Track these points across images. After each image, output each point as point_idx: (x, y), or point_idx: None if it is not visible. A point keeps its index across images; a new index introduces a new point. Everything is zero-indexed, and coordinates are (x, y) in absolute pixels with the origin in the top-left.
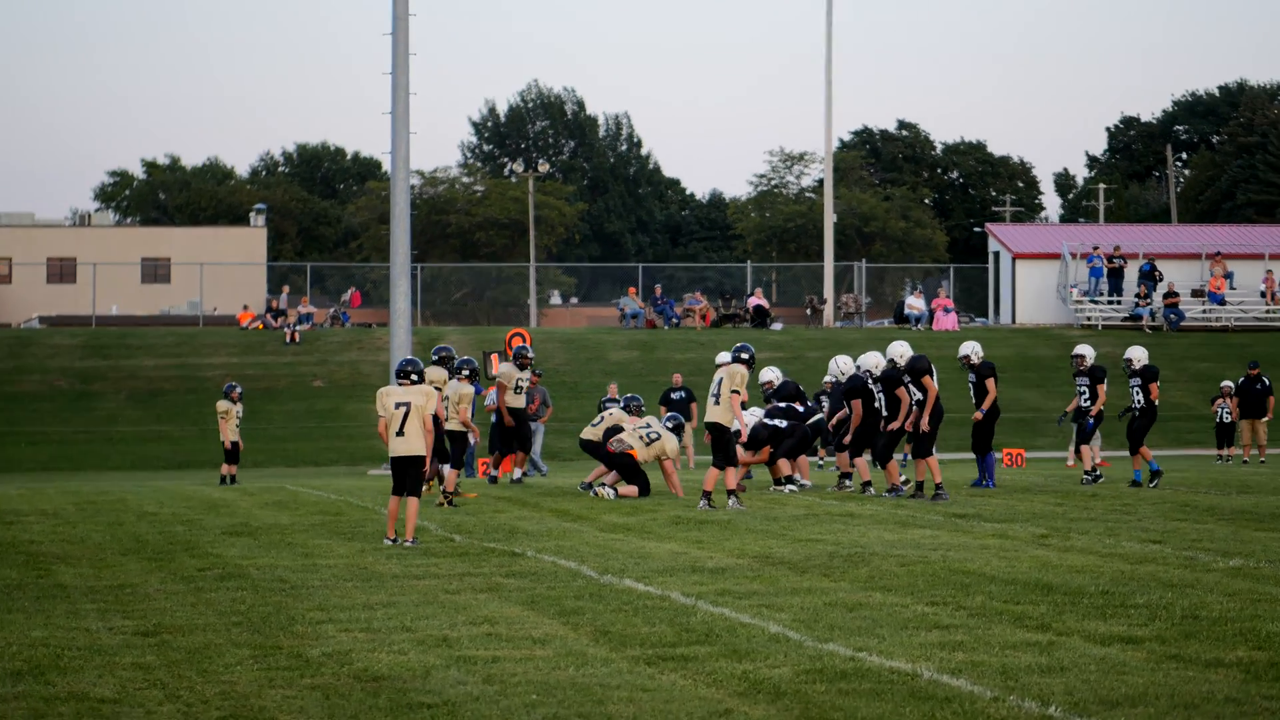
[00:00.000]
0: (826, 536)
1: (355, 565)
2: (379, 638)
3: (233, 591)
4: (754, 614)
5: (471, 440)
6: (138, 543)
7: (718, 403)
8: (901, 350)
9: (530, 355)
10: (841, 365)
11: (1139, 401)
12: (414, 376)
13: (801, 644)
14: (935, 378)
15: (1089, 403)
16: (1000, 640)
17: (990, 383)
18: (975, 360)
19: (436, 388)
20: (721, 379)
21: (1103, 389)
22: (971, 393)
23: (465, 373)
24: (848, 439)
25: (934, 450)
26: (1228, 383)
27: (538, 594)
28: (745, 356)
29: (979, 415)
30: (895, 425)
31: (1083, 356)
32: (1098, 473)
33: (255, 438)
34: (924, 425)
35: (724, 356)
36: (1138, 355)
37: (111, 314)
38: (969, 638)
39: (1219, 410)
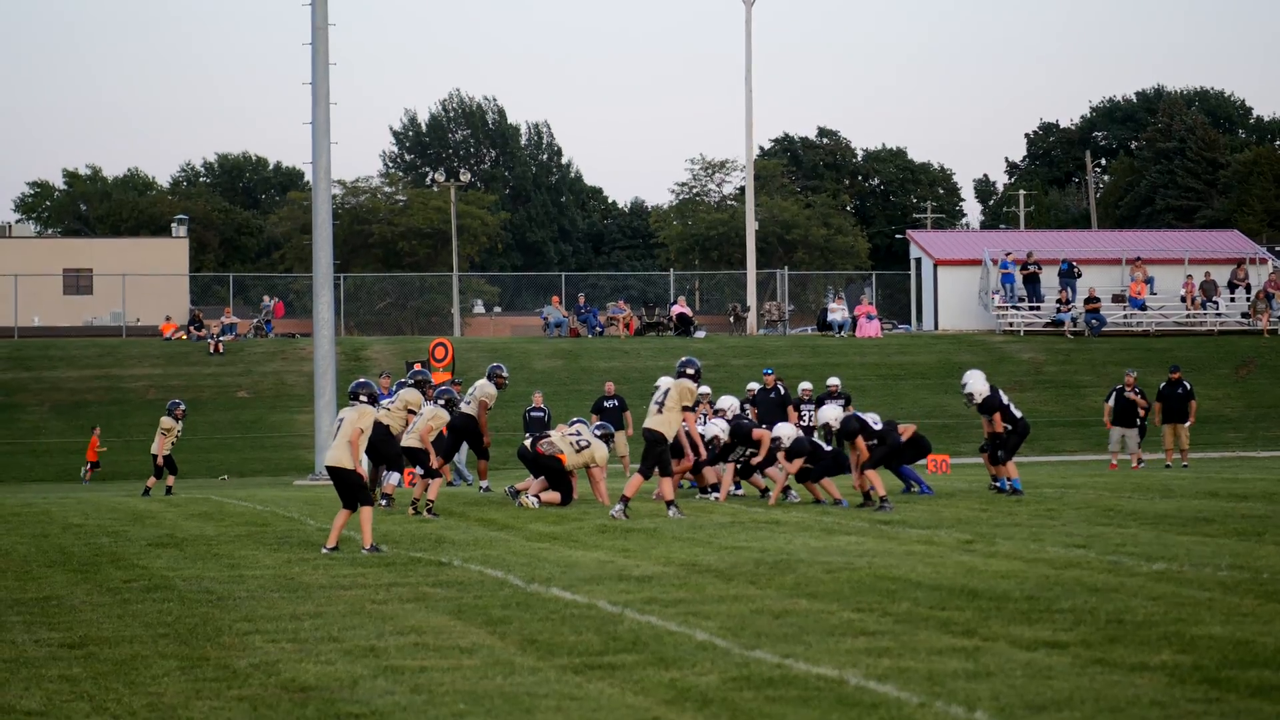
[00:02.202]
0: (753, 544)
1: (282, 576)
2: (306, 648)
3: (159, 603)
4: (681, 622)
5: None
6: (63, 554)
7: (660, 411)
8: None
9: (505, 375)
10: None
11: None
12: (363, 397)
13: (728, 651)
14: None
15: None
16: (926, 646)
17: (997, 417)
18: (978, 399)
19: (412, 410)
20: (669, 389)
21: (998, 417)
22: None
23: (442, 401)
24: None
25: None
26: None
27: (465, 603)
28: (690, 372)
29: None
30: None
31: (971, 395)
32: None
33: (179, 449)
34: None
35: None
36: (977, 389)
37: (34, 325)
38: (895, 644)
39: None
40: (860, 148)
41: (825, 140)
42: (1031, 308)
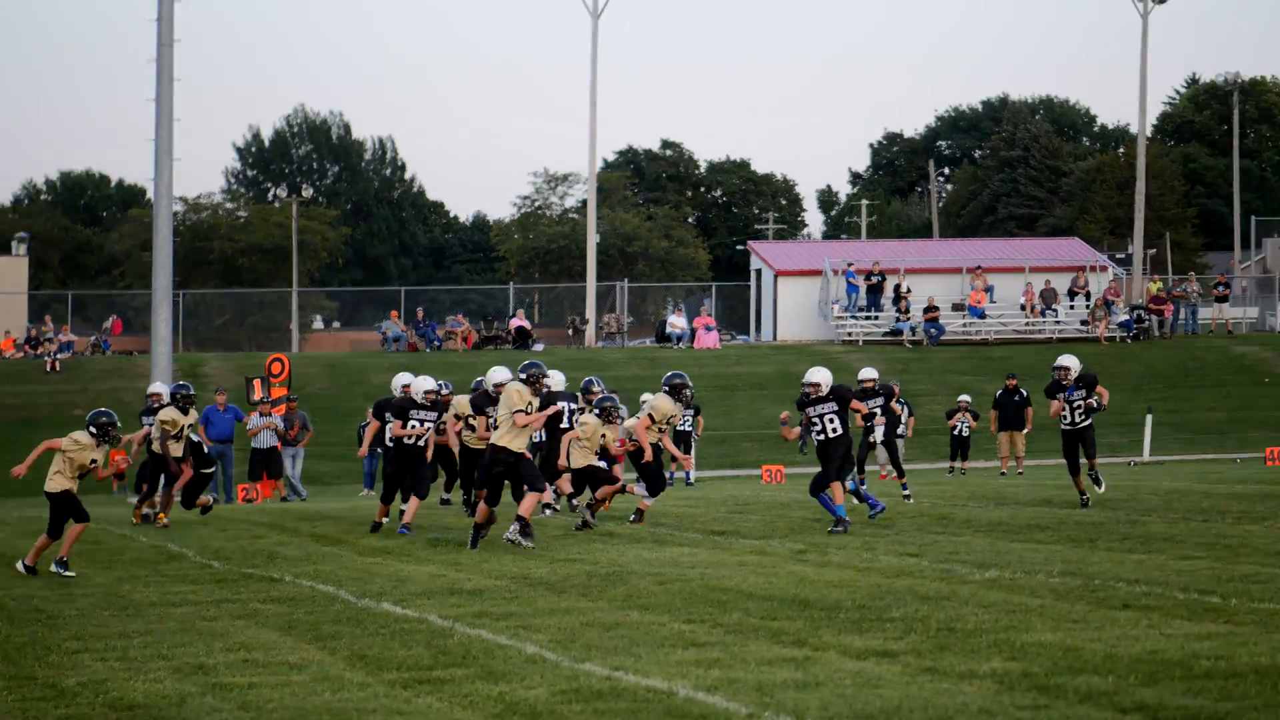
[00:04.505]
0: (585, 556)
1: (113, 594)
2: (135, 666)
3: None
4: (511, 635)
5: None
6: None
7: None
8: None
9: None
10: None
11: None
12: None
13: (558, 664)
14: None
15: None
16: (756, 656)
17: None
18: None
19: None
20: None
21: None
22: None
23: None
24: None
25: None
26: (965, 397)
27: (295, 619)
28: (524, 376)
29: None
30: None
31: (818, 385)
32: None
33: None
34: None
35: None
36: (823, 379)
37: None
38: (725, 654)
39: (958, 424)
40: (704, 159)
41: (668, 152)
42: (869, 318)
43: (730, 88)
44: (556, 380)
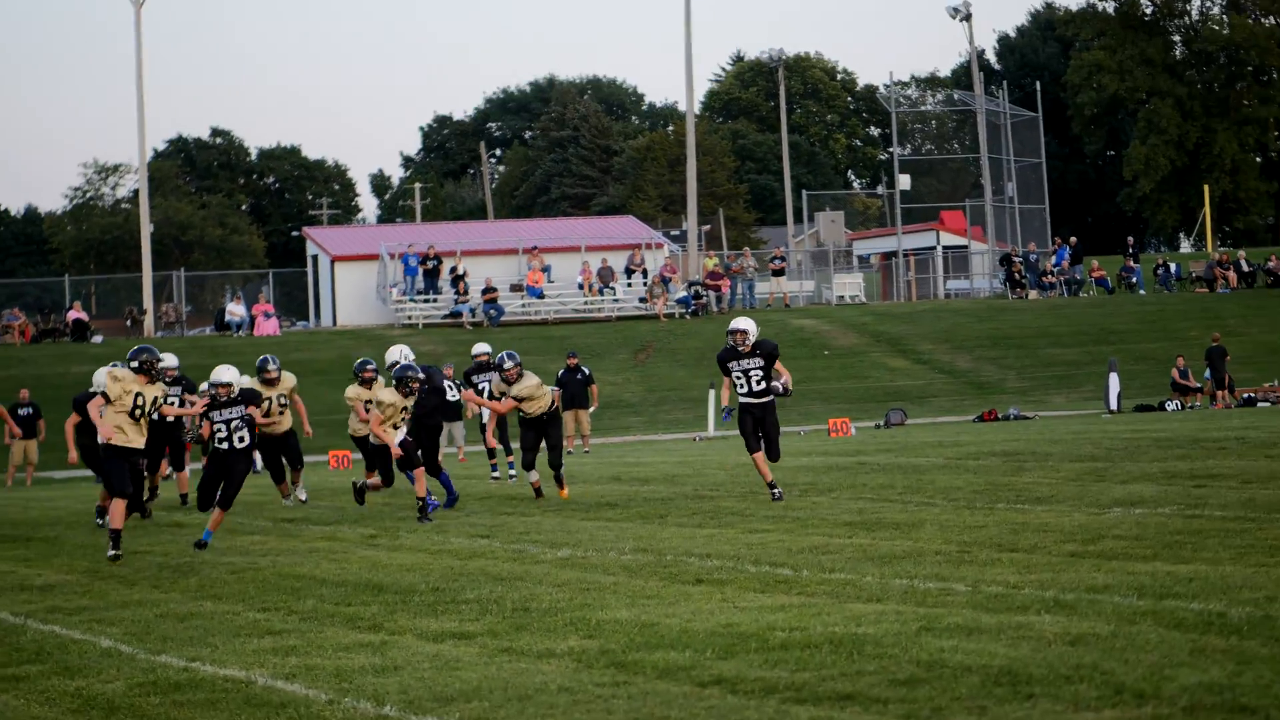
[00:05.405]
0: (155, 548)
1: None
2: None
3: None
4: (85, 630)
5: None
6: None
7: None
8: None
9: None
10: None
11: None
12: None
13: (134, 657)
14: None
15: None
16: (333, 643)
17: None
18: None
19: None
20: None
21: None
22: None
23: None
24: None
25: None
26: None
27: None
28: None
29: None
30: None
31: (745, 332)
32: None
33: None
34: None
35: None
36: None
37: None
38: (302, 642)
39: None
40: (255, 146)
41: (219, 140)
42: (428, 300)
43: (277, 74)
44: (169, 362)
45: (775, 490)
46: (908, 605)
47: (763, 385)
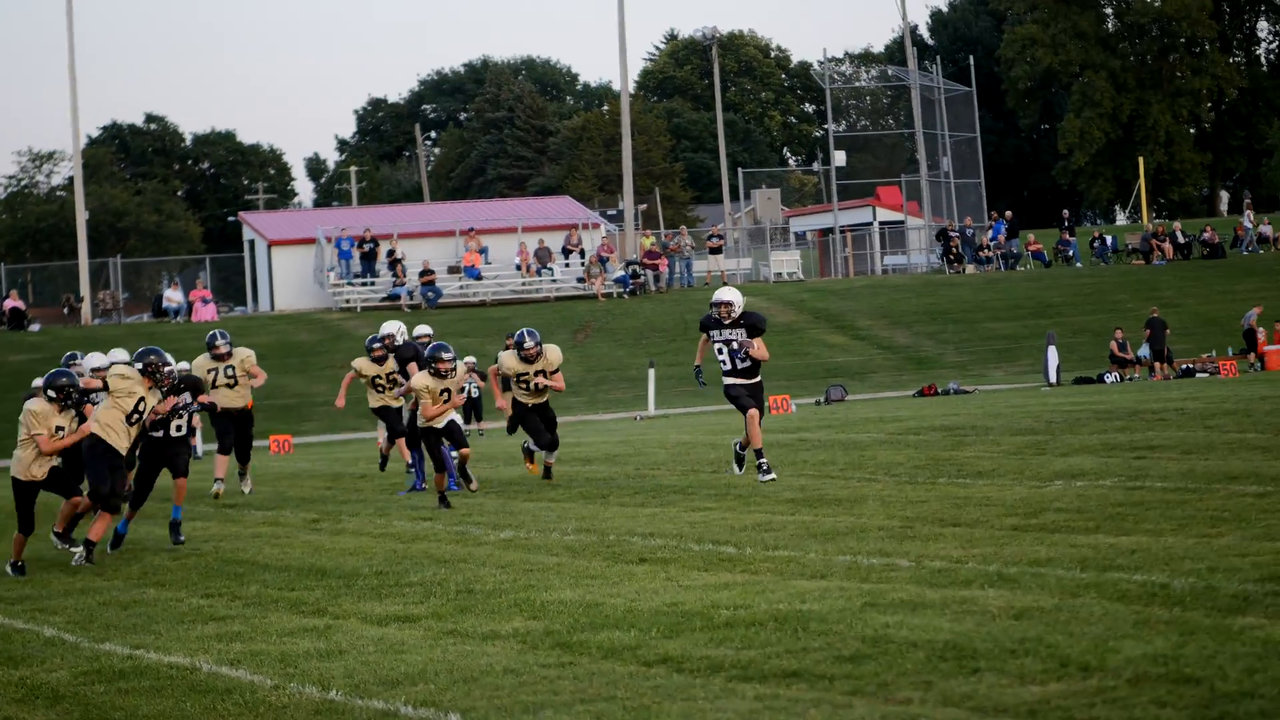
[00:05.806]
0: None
1: None
2: None
3: None
4: (28, 619)
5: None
6: None
7: None
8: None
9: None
10: None
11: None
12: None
13: (78, 646)
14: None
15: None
16: (278, 628)
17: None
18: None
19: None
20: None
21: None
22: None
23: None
24: None
25: None
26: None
27: None
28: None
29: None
30: None
31: (729, 304)
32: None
33: None
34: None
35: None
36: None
37: None
38: (246, 628)
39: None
40: (189, 132)
41: (153, 126)
42: (366, 284)
43: (211, 59)
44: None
45: (763, 463)
46: (852, 581)
47: (747, 363)
